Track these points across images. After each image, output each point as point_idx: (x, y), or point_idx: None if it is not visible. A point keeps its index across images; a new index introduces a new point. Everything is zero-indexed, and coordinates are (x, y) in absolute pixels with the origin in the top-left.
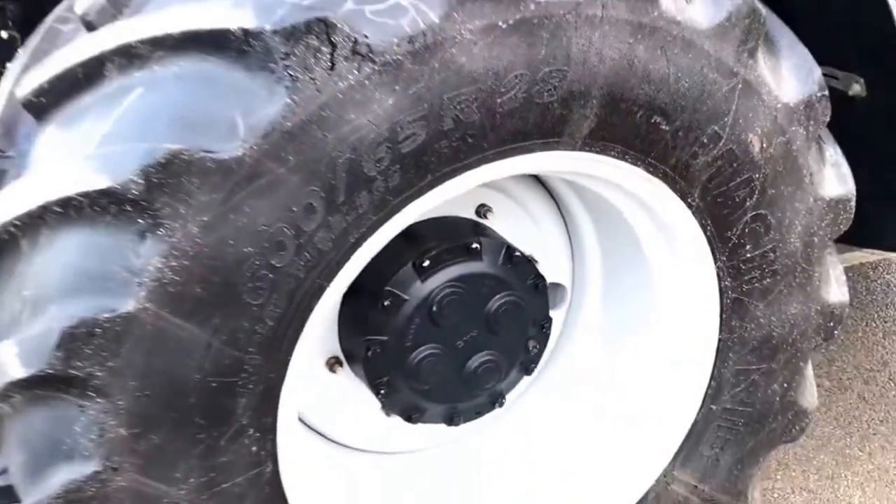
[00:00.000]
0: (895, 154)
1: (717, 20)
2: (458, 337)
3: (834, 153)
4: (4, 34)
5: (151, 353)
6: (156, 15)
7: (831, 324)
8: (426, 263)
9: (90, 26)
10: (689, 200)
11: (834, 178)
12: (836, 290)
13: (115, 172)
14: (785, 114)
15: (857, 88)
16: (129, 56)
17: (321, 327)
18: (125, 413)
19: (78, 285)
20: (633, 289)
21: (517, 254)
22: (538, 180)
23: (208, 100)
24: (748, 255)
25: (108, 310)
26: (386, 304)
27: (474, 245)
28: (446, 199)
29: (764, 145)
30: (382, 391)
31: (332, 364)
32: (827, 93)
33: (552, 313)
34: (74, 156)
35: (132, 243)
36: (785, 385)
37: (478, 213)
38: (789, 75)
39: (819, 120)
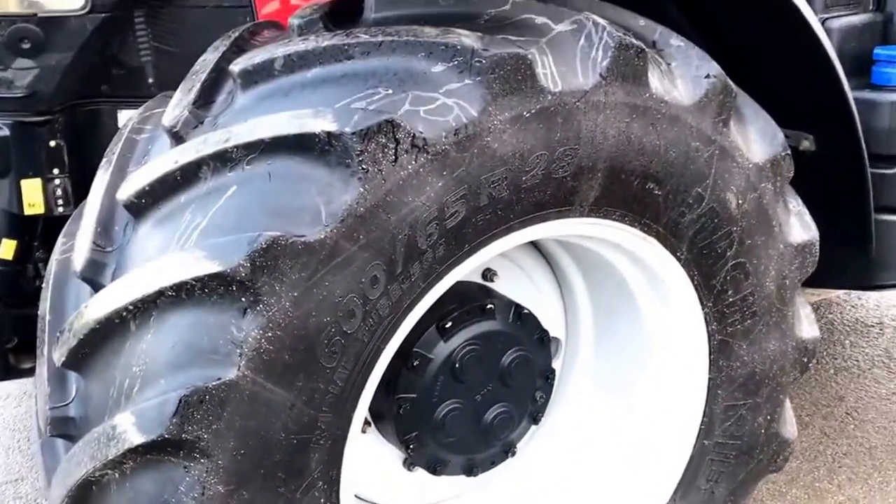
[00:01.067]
0: (844, 200)
1: (697, 97)
2: (477, 391)
3: (797, 203)
4: (52, 143)
5: (247, 416)
6: (245, 124)
7: (805, 358)
8: (448, 325)
9: (177, 136)
10: (678, 254)
11: (799, 225)
12: (807, 327)
13: (225, 258)
14: (756, 172)
15: (806, 144)
16: (224, 160)
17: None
18: (224, 472)
19: (187, 359)
20: (628, 336)
21: (524, 311)
22: (534, 244)
23: (295, 192)
24: (731, 300)
25: (215, 378)
26: (415, 364)
27: (489, 306)
28: (479, 264)
29: (740, 202)
30: (412, 446)
31: (363, 425)
32: (789, 151)
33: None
34: (177, 247)
35: (235, 319)
36: (768, 417)
37: (484, 277)
38: (757, 138)
39: (784, 175)
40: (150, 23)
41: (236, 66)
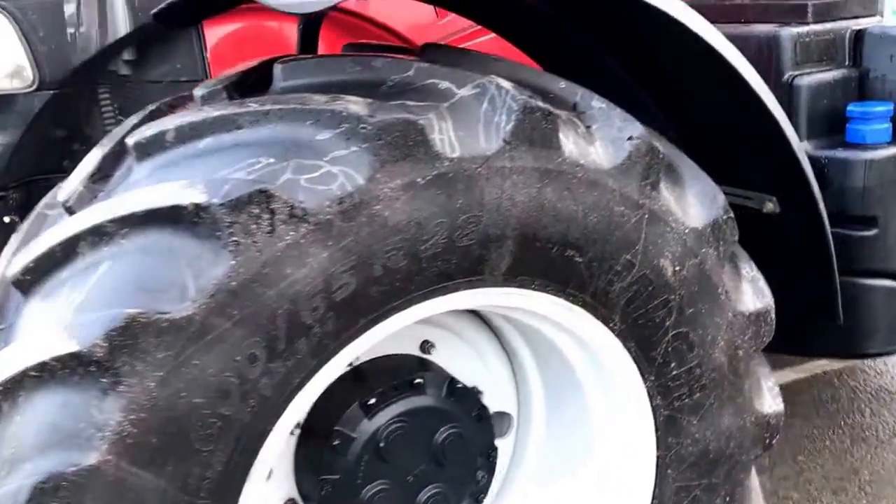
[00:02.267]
0: (808, 264)
1: (619, 160)
2: (408, 471)
3: (749, 269)
4: (7, 219)
5: (113, 503)
6: (121, 197)
7: (768, 434)
8: (372, 401)
9: (70, 211)
10: (611, 325)
11: (751, 292)
12: (769, 401)
13: (82, 338)
14: (694, 237)
15: (770, 206)
16: (100, 234)
17: (279, 469)
18: None
19: (51, 442)
20: (574, 414)
21: (459, 386)
22: (479, 315)
23: (165, 267)
24: (675, 373)
25: (74, 464)
26: (336, 443)
27: (417, 380)
28: (382, 339)
29: (677, 268)
30: None
31: None
32: (732, 214)
33: (500, 442)
34: (51, 325)
35: (96, 400)
36: (727, 499)
37: (422, 349)
38: (695, 202)
39: (728, 240)
40: (114, 97)
41: (132, 139)
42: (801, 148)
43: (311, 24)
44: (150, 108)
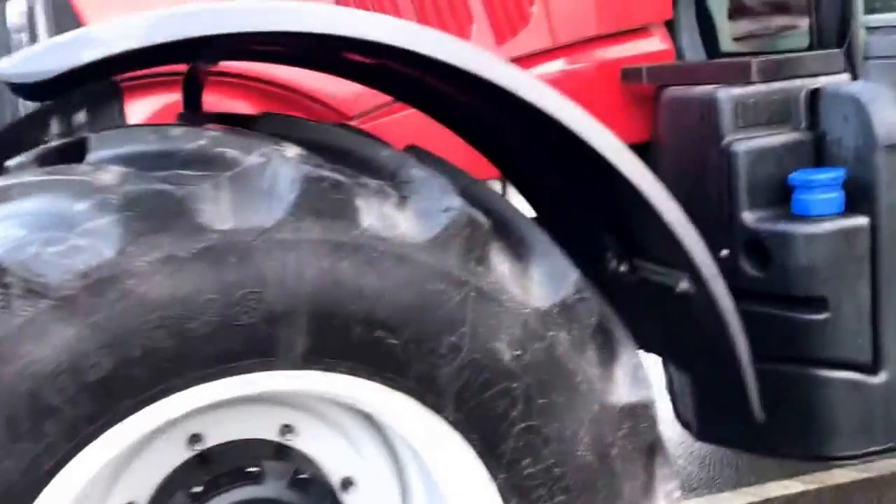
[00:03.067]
0: (719, 352)
1: (432, 233)
2: None
3: (629, 356)
4: None
5: None
6: None
7: None
8: (199, 490)
9: None
10: (445, 415)
11: (626, 383)
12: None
13: None
14: (538, 319)
15: (684, 286)
16: None
17: None
18: None
19: None
20: None
21: (304, 477)
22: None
23: None
24: (529, 472)
25: None
26: None
27: (253, 468)
28: (158, 423)
29: (516, 353)
30: None
31: None
32: (587, 294)
33: None
34: None
35: None
36: None
37: (282, 433)
38: (541, 280)
39: (584, 322)
40: None
41: None
42: (680, 219)
43: (192, 85)
44: None
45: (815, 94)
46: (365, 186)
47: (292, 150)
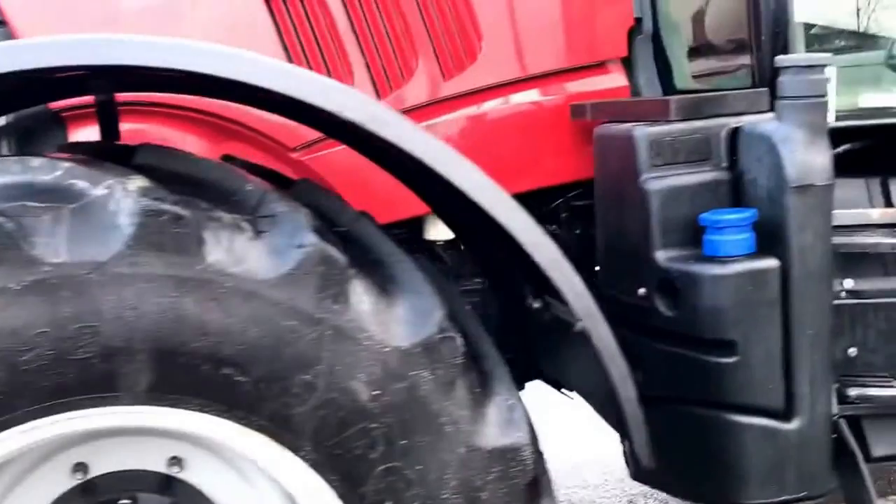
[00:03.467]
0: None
1: (283, 270)
2: None
3: (506, 397)
4: None
5: None
6: None
7: None
8: None
9: None
10: (303, 455)
11: (497, 424)
12: None
13: None
14: (399, 358)
15: (581, 325)
16: None
17: None
18: None
19: None
20: None
21: None
22: None
23: None
24: None
25: None
26: None
27: (126, 500)
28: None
29: (375, 392)
30: None
31: None
32: (451, 334)
33: None
34: None
35: None
36: None
37: (170, 465)
38: (406, 318)
39: (449, 363)
40: None
41: None
42: (553, 258)
43: (106, 113)
44: None
45: (735, 133)
46: (217, 220)
47: (136, 183)
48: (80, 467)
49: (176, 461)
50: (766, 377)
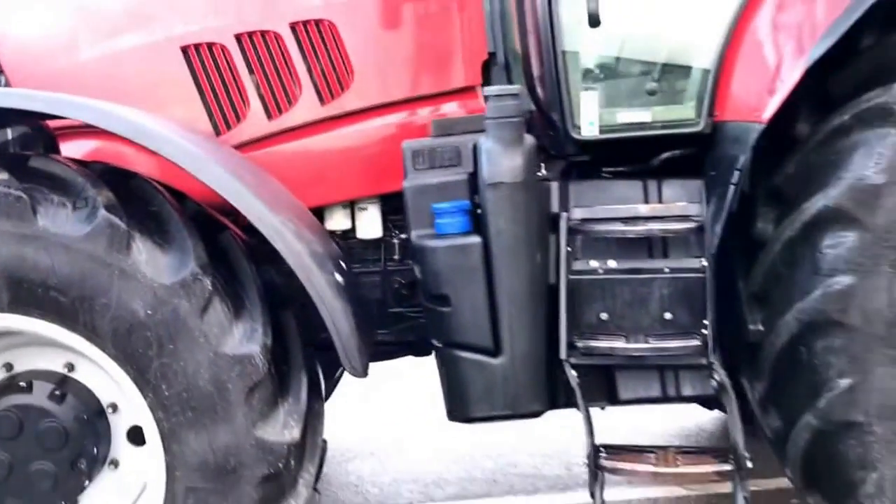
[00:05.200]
0: None
1: (85, 231)
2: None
3: (252, 322)
4: None
5: None
6: None
7: (271, 457)
8: None
9: None
10: (107, 351)
11: (239, 338)
12: (275, 430)
13: None
14: (164, 291)
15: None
16: None
17: None
18: None
19: None
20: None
21: (64, 394)
22: None
23: None
24: (168, 394)
25: None
26: None
27: (22, 383)
28: None
29: (149, 312)
30: None
31: None
32: (200, 277)
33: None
34: None
35: None
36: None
37: (67, 368)
38: (167, 265)
39: (199, 296)
40: None
41: None
42: (282, 234)
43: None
44: None
45: (475, 146)
46: (48, 199)
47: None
48: (9, 367)
49: (70, 366)
50: (474, 324)
